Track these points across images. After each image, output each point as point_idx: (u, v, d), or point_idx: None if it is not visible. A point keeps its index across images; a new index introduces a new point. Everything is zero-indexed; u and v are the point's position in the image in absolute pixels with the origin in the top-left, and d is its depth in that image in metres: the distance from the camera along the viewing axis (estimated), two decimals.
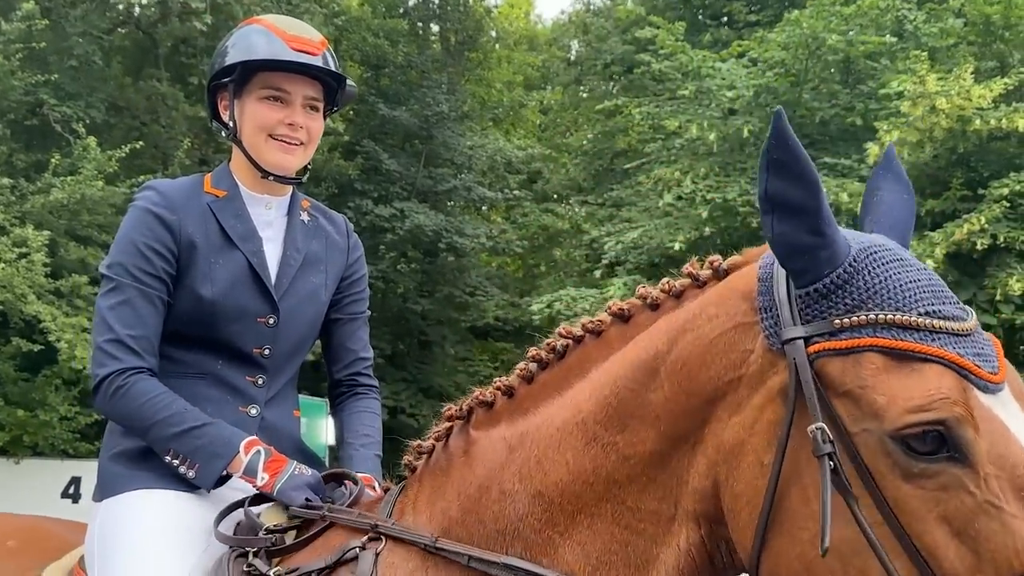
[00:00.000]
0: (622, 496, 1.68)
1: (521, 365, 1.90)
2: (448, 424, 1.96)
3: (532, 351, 1.89)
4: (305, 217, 2.44)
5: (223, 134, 2.42)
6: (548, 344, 1.87)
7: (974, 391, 1.45)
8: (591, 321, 1.83)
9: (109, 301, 2.19)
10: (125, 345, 2.16)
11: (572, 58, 29.19)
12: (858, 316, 1.49)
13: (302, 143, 2.34)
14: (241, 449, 2.11)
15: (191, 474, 2.11)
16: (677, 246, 14.83)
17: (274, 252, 2.35)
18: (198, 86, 17.18)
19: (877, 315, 1.48)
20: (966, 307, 1.56)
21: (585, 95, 27.52)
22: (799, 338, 1.52)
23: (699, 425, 1.63)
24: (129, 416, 2.15)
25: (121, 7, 15.93)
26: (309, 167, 2.45)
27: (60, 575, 2.31)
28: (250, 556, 1.94)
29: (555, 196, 26.26)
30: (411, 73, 23.53)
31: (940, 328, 1.47)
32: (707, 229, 14.78)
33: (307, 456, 2.37)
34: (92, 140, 13.74)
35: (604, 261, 16.83)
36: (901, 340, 1.46)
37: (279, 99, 2.31)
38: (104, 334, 2.17)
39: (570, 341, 1.85)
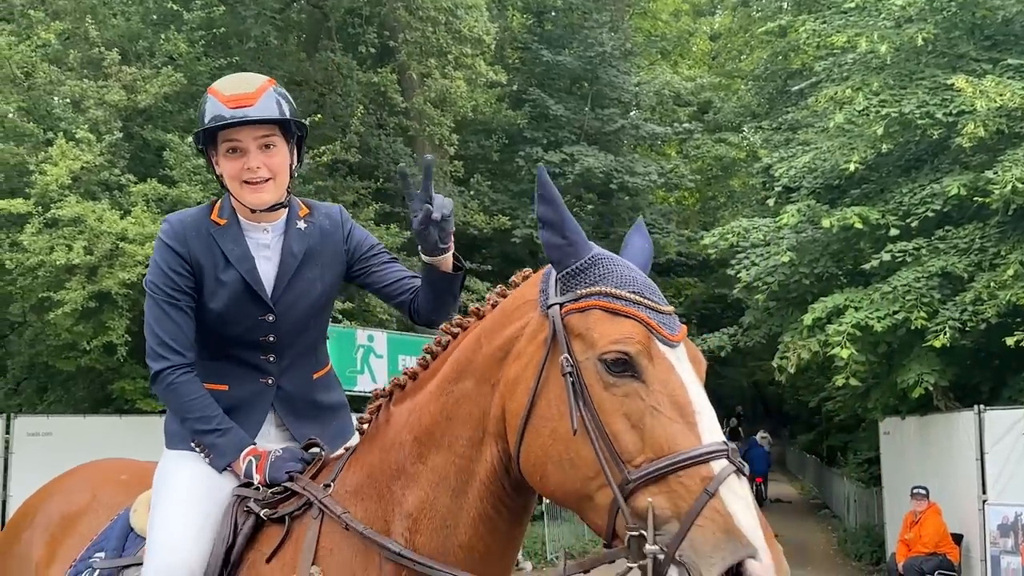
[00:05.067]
0: (452, 428, 2.44)
1: (419, 357, 2.65)
2: (377, 403, 2.70)
3: (427, 346, 2.64)
4: (302, 225, 2.96)
5: (219, 184, 2.95)
6: (436, 339, 2.63)
7: (656, 341, 2.19)
8: (461, 320, 2.60)
9: (153, 313, 2.86)
10: (169, 347, 2.83)
11: None
12: (592, 288, 2.26)
13: (269, 178, 2.82)
14: (240, 457, 2.81)
15: (207, 460, 2.84)
16: (852, 166, 14.33)
17: (272, 263, 2.91)
18: (368, 54, 17.89)
19: (603, 288, 2.25)
20: (665, 300, 2.29)
21: (756, 15, 26.59)
22: (557, 303, 2.29)
23: (497, 368, 2.37)
24: (172, 405, 2.88)
25: None
26: (290, 190, 2.94)
27: (147, 501, 3.01)
28: (250, 502, 2.72)
29: (728, 125, 25.66)
30: (573, 15, 23.52)
31: (641, 303, 2.23)
32: (884, 146, 14.16)
33: (322, 408, 3.05)
34: None
35: (777, 188, 16.44)
36: (614, 304, 2.22)
37: (237, 149, 2.81)
38: (152, 338, 2.85)
39: (450, 336, 2.60)
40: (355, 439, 2.89)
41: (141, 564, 2.87)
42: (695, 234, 26.09)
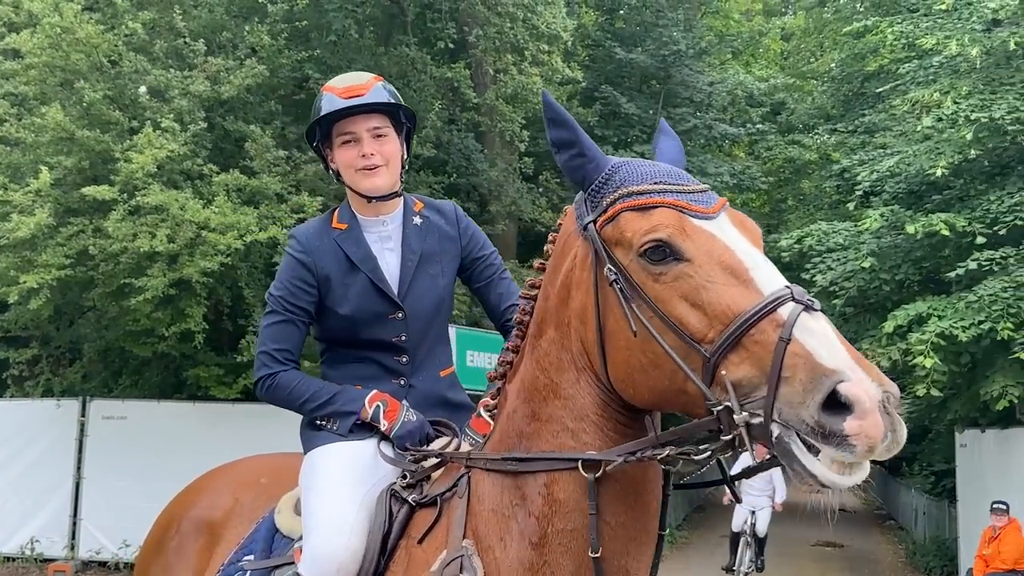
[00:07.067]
0: (550, 377, 2.44)
1: (514, 331, 2.66)
2: (497, 386, 2.71)
3: (515, 317, 2.65)
4: (418, 220, 3.08)
5: (335, 179, 3.08)
6: (520, 308, 2.63)
7: (689, 218, 2.20)
8: (534, 279, 2.59)
9: (267, 322, 3.00)
10: (273, 356, 2.97)
11: None
12: (616, 194, 2.28)
13: (382, 165, 2.96)
14: (366, 404, 2.90)
15: (335, 429, 2.92)
16: (939, 172, 13.99)
17: (394, 260, 3.01)
18: (444, 49, 17.87)
19: (626, 190, 2.27)
20: (697, 180, 2.32)
21: (830, 16, 26.12)
22: (590, 221, 2.32)
23: (565, 307, 2.40)
24: (281, 402, 2.98)
25: None
26: (402, 181, 3.06)
27: (291, 502, 3.12)
28: (397, 485, 2.76)
29: (801, 127, 25.25)
30: (646, 13, 23.31)
31: (666, 189, 2.25)
32: (972, 152, 13.80)
33: (451, 406, 3.09)
34: None
35: (858, 192, 16.12)
36: (639, 200, 2.25)
37: (351, 140, 2.96)
38: (261, 346, 3.00)
39: (530, 299, 2.60)
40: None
41: (291, 564, 2.92)
42: (763, 236, 25.70)
